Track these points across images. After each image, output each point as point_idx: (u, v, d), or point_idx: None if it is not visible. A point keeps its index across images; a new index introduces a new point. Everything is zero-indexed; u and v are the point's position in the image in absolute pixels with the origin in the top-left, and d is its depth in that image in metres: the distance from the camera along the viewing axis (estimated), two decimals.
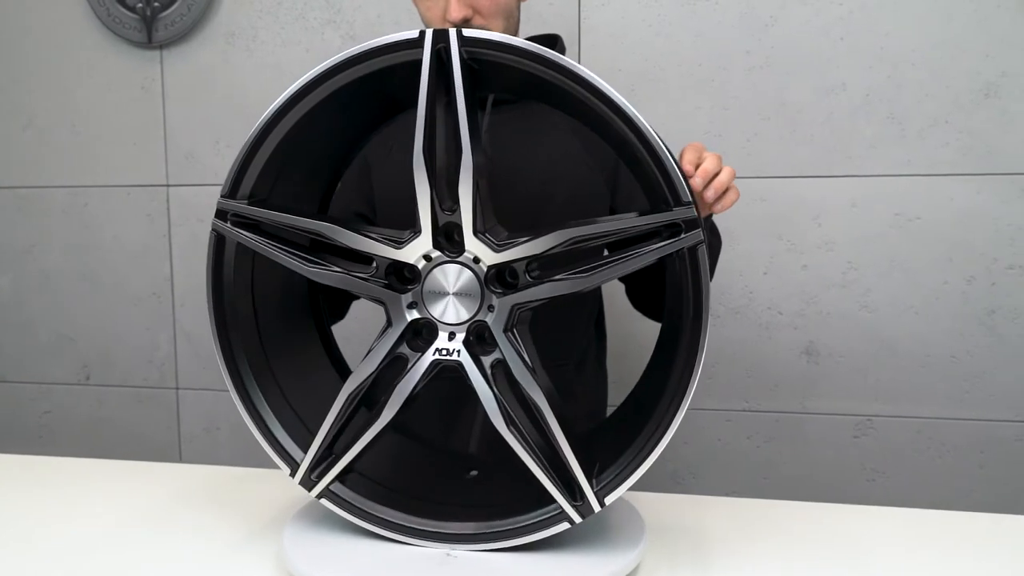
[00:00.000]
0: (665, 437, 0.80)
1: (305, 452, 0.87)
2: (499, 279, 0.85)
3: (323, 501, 0.88)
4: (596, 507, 0.81)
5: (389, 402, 0.83)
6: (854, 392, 1.73)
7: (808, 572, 0.86)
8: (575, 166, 1.24)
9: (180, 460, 2.04)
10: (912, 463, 1.72)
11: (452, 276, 0.83)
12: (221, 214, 0.88)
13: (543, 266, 0.85)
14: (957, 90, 1.62)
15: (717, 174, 0.92)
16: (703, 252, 0.78)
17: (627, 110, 0.77)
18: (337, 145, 0.96)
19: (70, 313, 2.06)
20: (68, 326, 2.07)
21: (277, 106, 0.86)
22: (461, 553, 0.84)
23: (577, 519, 0.82)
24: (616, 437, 0.86)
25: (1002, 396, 1.68)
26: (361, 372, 0.86)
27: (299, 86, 0.84)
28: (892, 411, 1.72)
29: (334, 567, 0.81)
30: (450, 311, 0.84)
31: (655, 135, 0.78)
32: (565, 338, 1.26)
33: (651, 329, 1.00)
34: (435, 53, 0.81)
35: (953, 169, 1.64)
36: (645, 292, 1.26)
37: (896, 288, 1.69)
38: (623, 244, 0.82)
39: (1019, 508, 1.65)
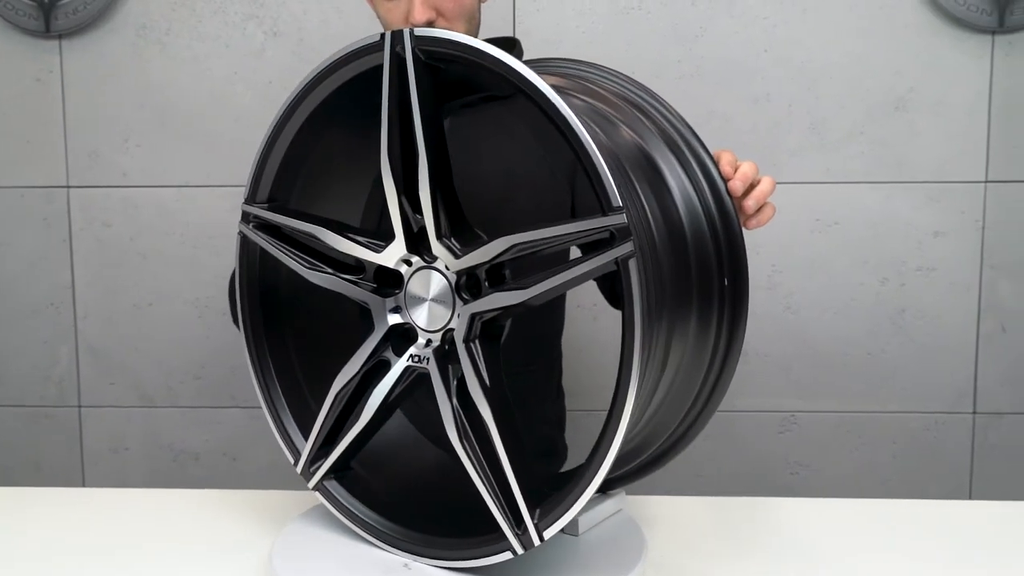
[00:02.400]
0: (602, 469, 0.72)
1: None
2: (470, 287, 0.81)
3: (316, 493, 0.91)
4: (536, 540, 0.75)
5: (367, 405, 0.83)
6: (779, 389, 1.81)
7: (764, 567, 0.89)
8: (536, 171, 1.23)
9: (83, 484, 1.89)
10: (832, 455, 1.82)
11: (427, 282, 0.82)
12: (245, 217, 0.92)
13: (517, 275, 0.80)
14: (871, 103, 1.73)
15: (756, 183, 0.87)
16: (635, 264, 0.68)
17: (546, 93, 0.71)
18: (359, 153, 0.93)
19: None
20: None
21: (281, 113, 0.88)
22: (418, 565, 0.83)
23: (519, 549, 0.76)
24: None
25: (912, 390, 1.79)
26: (346, 373, 0.86)
27: (293, 97, 0.87)
28: (813, 407, 1.81)
29: (297, 558, 0.86)
30: (425, 317, 0.83)
31: (584, 132, 0.70)
32: (537, 337, 1.25)
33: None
34: (395, 55, 0.79)
35: (867, 177, 1.75)
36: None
37: (817, 290, 1.77)
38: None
39: (930, 493, 1.78)
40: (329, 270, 0.85)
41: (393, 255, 0.82)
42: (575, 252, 0.79)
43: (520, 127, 1.25)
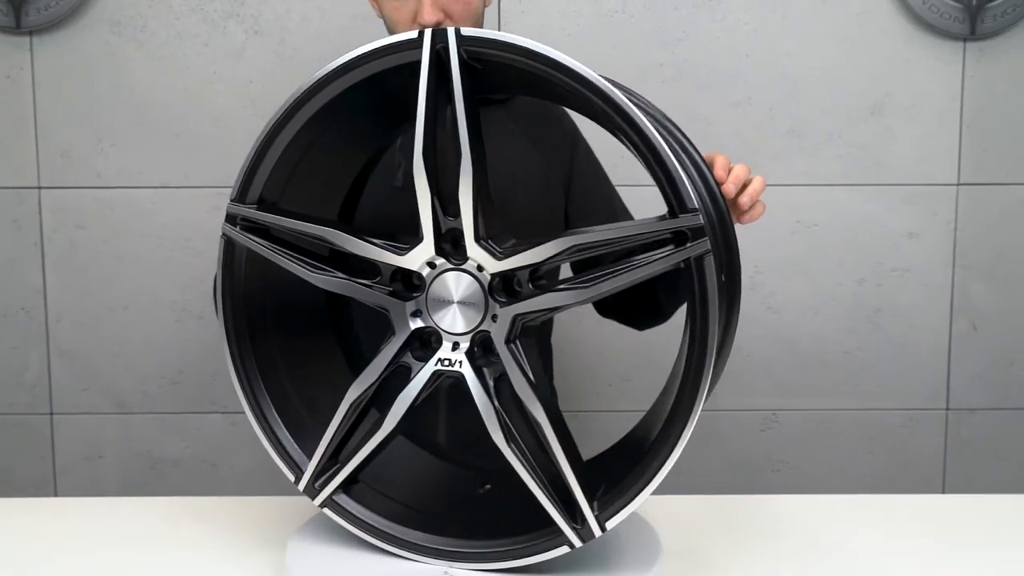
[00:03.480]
0: (668, 462, 0.78)
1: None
2: (505, 288, 0.82)
3: (325, 511, 0.86)
4: (597, 531, 0.78)
5: (391, 412, 0.81)
6: (761, 388, 1.83)
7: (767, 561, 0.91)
8: (534, 174, 1.24)
9: (55, 494, 1.83)
10: (812, 452, 1.85)
11: (456, 284, 0.81)
12: (231, 218, 0.83)
13: (549, 275, 0.83)
14: (849, 107, 1.77)
15: (749, 182, 0.93)
16: (710, 262, 0.73)
17: (630, 112, 0.74)
18: (352, 152, 0.91)
19: None
20: None
21: (283, 109, 0.82)
22: (457, 572, 0.82)
23: (577, 543, 0.78)
24: (622, 461, 0.85)
25: (887, 387, 1.84)
26: (364, 381, 0.83)
27: (302, 91, 0.82)
28: (795, 405, 1.84)
29: None
30: (454, 320, 0.81)
31: (660, 140, 0.75)
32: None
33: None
34: (435, 53, 0.78)
35: (845, 180, 1.78)
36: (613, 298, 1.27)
37: (797, 290, 1.81)
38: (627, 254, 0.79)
39: (905, 487, 1.82)
40: (340, 274, 0.82)
41: (419, 258, 0.80)
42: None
43: (518, 131, 1.25)
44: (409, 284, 0.84)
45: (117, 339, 1.80)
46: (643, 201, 1.29)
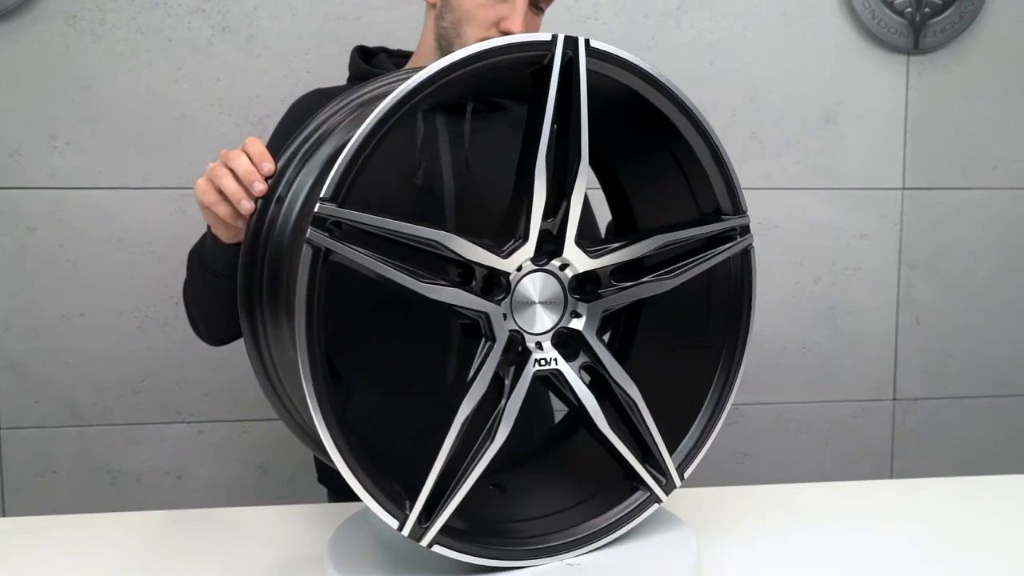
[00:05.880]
0: (724, 411, 0.90)
1: (409, 498, 0.75)
2: (581, 285, 0.85)
3: (436, 548, 0.76)
4: (677, 482, 0.86)
5: (501, 424, 0.77)
6: None
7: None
8: None
9: (4, 514, 1.72)
10: (773, 444, 1.94)
11: (540, 285, 0.81)
12: (319, 222, 0.70)
13: (629, 269, 0.87)
14: (805, 114, 1.86)
15: None
16: (753, 253, 0.92)
17: (708, 128, 0.86)
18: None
19: None
20: None
21: (398, 96, 0.72)
22: (577, 560, 0.83)
23: (664, 497, 0.86)
24: (673, 422, 0.90)
25: (841, 380, 1.94)
26: (474, 395, 0.77)
27: (423, 78, 0.72)
28: (757, 399, 1.92)
29: None
30: (537, 320, 0.82)
31: (726, 151, 0.87)
32: None
33: None
34: (565, 59, 0.79)
35: (803, 184, 1.88)
36: None
37: (759, 289, 1.88)
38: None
39: (857, 475, 1.93)
40: (443, 282, 0.76)
41: (518, 260, 0.79)
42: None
43: (517, 134, 1.26)
44: (490, 288, 0.81)
45: (72, 348, 1.71)
46: None
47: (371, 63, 1.24)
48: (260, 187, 0.85)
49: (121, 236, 1.70)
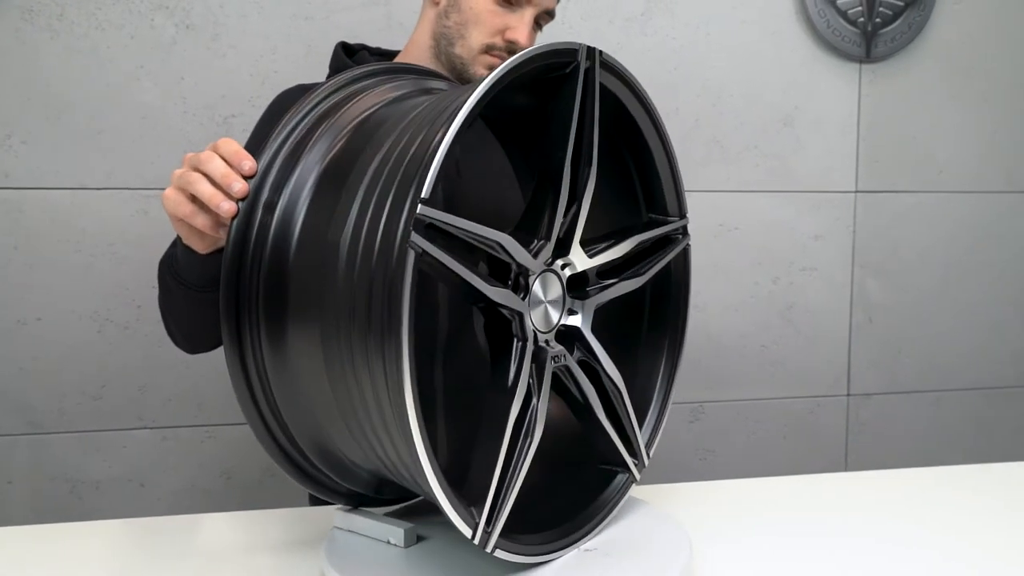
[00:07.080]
0: (671, 398, 0.98)
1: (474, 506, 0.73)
2: (576, 284, 0.87)
3: (498, 553, 0.73)
4: (646, 460, 0.92)
5: (537, 422, 0.78)
6: (689, 382, 1.95)
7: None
8: (514, 181, 1.27)
9: None
10: (734, 440, 1.99)
11: (549, 284, 0.83)
12: (416, 223, 0.63)
13: (613, 268, 0.90)
14: (764, 119, 1.92)
15: None
16: (689, 252, 0.98)
17: (667, 135, 0.93)
18: None
19: None
20: None
21: (477, 95, 0.68)
22: (589, 542, 0.85)
23: (637, 476, 0.91)
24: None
25: (797, 377, 2.01)
26: (520, 393, 0.76)
27: (497, 75, 0.70)
28: (718, 396, 1.97)
29: None
30: (544, 318, 0.83)
31: (674, 153, 0.94)
32: None
33: None
34: (586, 68, 0.80)
35: (761, 187, 1.93)
36: None
37: (720, 289, 1.94)
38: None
39: (813, 468, 1.99)
40: (499, 284, 0.75)
41: (542, 259, 0.81)
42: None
43: (493, 144, 1.28)
44: (516, 288, 0.80)
45: (28, 353, 1.65)
46: None
47: (353, 59, 1.24)
48: (239, 187, 0.76)
49: (80, 238, 1.65)
